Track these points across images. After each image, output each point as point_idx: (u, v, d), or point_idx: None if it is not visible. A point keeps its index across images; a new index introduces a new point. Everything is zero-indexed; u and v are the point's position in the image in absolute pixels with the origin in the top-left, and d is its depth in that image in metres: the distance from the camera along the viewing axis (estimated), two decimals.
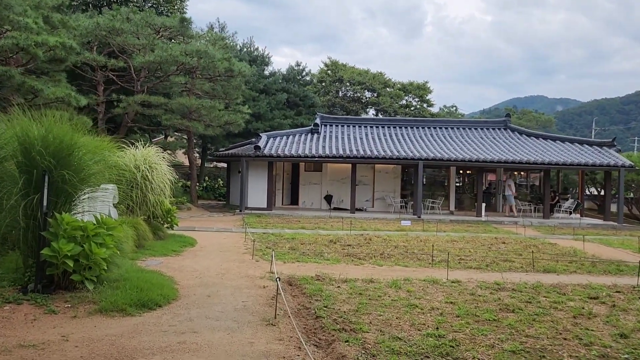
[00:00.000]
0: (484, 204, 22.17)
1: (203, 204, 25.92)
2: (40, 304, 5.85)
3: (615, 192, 23.26)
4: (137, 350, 4.69)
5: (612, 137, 25.16)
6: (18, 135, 6.44)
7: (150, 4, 27.75)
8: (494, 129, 26.39)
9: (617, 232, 18.94)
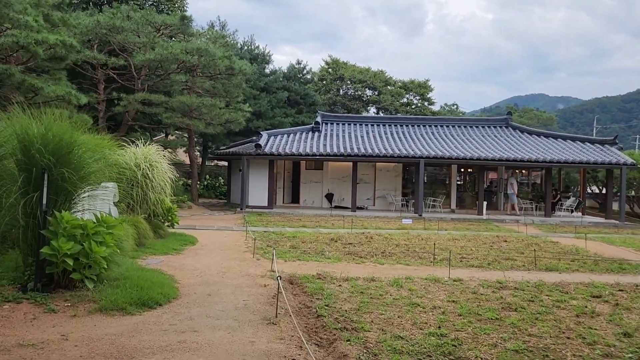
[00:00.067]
0: (485, 202, 22.12)
1: (204, 203, 25.89)
2: (40, 303, 5.82)
3: (617, 190, 23.22)
4: (137, 350, 4.66)
5: (613, 135, 25.09)
6: (17, 133, 6.40)
7: (151, 2, 27.72)
8: (495, 127, 26.31)
9: (618, 230, 18.90)
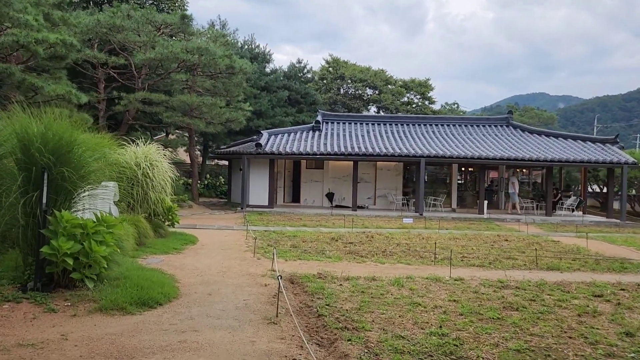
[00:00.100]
0: (486, 202, 22.10)
1: (204, 202, 25.88)
2: (40, 303, 5.80)
3: (618, 189, 23.18)
4: (137, 349, 4.64)
5: (614, 134, 25.05)
6: (17, 132, 6.38)
7: (151, 1, 27.67)
8: (496, 126, 26.28)
9: (620, 229, 18.88)
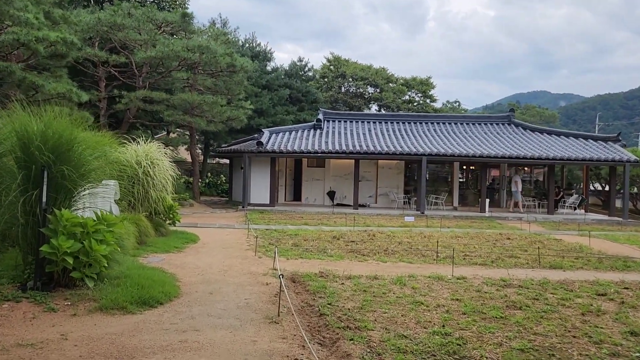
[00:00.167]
0: (488, 200, 22.04)
1: (205, 200, 25.85)
2: (40, 302, 5.77)
3: (620, 187, 23.11)
4: (137, 349, 4.60)
5: (615, 132, 24.98)
6: (17, 131, 6.34)
7: (152, 0, 27.61)
8: (498, 124, 26.21)
9: (622, 227, 18.82)
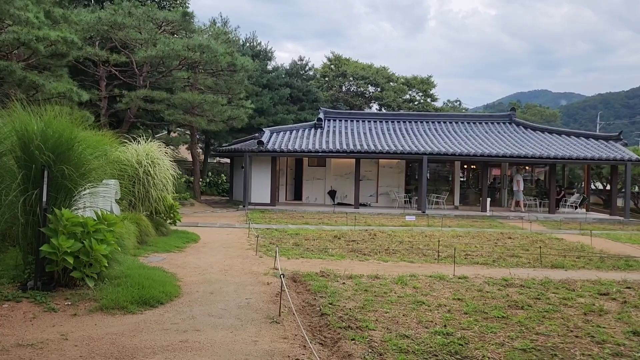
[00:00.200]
0: (489, 199, 22.00)
1: (206, 200, 25.84)
2: (40, 302, 5.75)
3: (622, 186, 23.07)
4: (138, 349, 4.58)
5: (617, 131, 24.94)
6: (17, 130, 6.32)
7: None
8: (499, 123, 26.16)
9: (624, 226, 18.79)
